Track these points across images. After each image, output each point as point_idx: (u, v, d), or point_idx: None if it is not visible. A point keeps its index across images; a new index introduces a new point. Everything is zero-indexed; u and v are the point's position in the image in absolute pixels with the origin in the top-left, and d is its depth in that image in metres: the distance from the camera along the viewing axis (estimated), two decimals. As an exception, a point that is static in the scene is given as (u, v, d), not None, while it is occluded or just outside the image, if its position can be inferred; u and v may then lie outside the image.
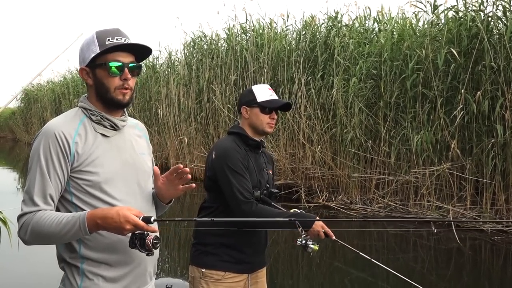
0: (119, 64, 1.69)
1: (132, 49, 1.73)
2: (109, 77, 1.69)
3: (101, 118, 1.73)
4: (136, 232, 1.58)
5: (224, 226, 2.17)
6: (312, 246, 2.32)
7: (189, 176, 1.73)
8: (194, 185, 1.74)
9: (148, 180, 1.84)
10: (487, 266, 5.91)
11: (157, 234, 1.61)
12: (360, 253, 2.63)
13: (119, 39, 1.69)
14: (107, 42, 1.68)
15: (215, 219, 1.85)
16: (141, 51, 1.76)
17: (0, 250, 3.30)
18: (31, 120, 26.46)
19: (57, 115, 1.81)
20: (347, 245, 2.69)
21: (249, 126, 2.52)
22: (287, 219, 2.24)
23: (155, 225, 1.67)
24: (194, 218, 1.86)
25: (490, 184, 7.03)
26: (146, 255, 1.62)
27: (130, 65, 1.71)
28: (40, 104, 24.69)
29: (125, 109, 1.82)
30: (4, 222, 3.34)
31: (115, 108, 1.76)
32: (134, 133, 1.87)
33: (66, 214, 1.60)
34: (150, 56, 1.86)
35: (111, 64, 1.68)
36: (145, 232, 1.58)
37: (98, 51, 1.67)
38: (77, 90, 20.32)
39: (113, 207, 1.58)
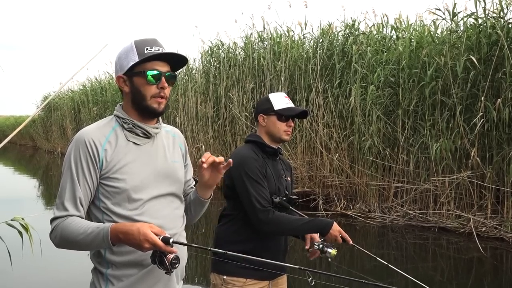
0: (157, 72, 1.73)
1: (168, 58, 1.77)
2: (146, 85, 1.73)
3: (133, 126, 1.76)
4: (157, 250, 1.59)
5: (238, 259, 2.00)
6: (330, 251, 2.33)
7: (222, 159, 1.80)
8: (231, 160, 1.86)
9: (180, 188, 1.86)
10: (509, 277, 5.81)
11: (177, 254, 1.60)
12: (378, 258, 2.62)
13: (156, 49, 1.73)
14: (145, 51, 1.72)
15: (228, 252, 1.75)
16: (176, 61, 1.80)
17: (22, 257, 3.34)
18: (51, 128, 26.81)
19: (76, 123, 1.86)
20: (364, 250, 2.68)
21: (266, 134, 2.55)
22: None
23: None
24: (209, 248, 1.85)
25: (511, 193, 6.93)
26: (165, 273, 1.63)
27: (167, 74, 1.76)
28: (60, 112, 25.03)
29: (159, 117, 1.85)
30: (26, 229, 3.39)
31: (149, 116, 1.79)
32: (167, 140, 1.89)
33: (93, 224, 1.64)
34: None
35: (149, 72, 1.72)
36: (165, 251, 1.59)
37: (137, 59, 1.71)
38: (96, 99, 20.55)
39: (135, 223, 1.60)
